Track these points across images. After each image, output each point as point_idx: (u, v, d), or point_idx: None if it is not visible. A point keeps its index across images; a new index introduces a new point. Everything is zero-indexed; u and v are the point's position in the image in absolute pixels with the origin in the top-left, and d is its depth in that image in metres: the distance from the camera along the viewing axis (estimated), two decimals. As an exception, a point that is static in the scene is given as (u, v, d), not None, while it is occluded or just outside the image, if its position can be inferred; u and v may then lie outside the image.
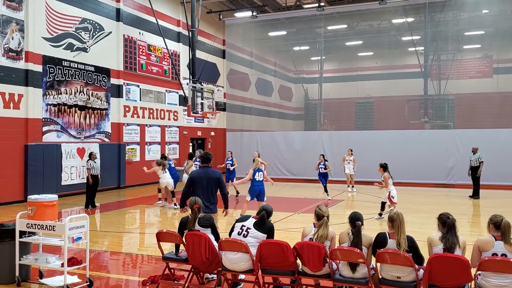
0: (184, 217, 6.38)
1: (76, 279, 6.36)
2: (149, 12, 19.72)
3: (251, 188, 11.58)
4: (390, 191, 11.78)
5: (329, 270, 5.36)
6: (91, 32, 17.68)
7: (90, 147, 17.36)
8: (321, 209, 5.68)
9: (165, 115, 22.22)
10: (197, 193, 7.17)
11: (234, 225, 6.04)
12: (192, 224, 6.07)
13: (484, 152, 16.66)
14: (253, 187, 11.54)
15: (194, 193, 7.23)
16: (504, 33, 25.95)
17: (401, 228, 5.15)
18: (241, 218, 6.05)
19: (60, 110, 16.30)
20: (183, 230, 6.22)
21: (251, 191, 11.58)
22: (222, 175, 7.76)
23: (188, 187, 7.35)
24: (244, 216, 6.16)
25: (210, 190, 7.29)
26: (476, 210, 14.52)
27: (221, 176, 7.54)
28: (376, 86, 29.69)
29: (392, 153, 19.72)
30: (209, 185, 7.28)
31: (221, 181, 7.42)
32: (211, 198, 7.29)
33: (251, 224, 5.84)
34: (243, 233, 5.79)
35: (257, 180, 11.54)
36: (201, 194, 7.14)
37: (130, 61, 19.73)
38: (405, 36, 28.39)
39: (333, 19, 26.93)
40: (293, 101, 35.11)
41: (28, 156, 14.89)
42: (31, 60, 15.13)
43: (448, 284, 4.83)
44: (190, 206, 6.24)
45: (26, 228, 6.27)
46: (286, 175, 22.40)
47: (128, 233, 10.99)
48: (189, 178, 7.47)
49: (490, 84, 26.79)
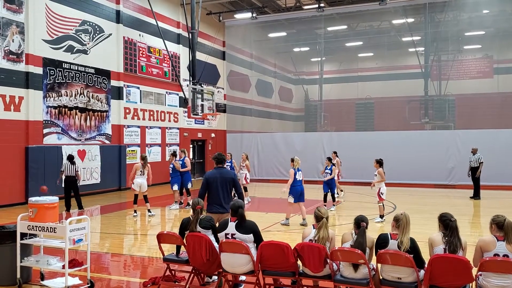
0: (185, 218, 6.39)
1: (77, 281, 6.36)
2: (149, 14, 19.74)
3: (293, 188, 11.24)
4: (380, 188, 11.84)
5: (330, 271, 5.36)
6: (91, 34, 17.70)
7: (90, 149, 17.39)
8: (320, 211, 5.68)
9: (166, 117, 22.23)
10: (212, 194, 7.27)
11: (214, 234, 6.04)
12: (194, 225, 6.07)
13: (485, 153, 16.65)
14: (295, 187, 11.20)
15: (209, 194, 7.30)
16: (505, 33, 25.96)
17: (406, 229, 5.14)
18: (221, 226, 5.94)
19: (60, 112, 16.31)
20: (184, 231, 6.22)
21: (293, 192, 11.23)
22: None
23: (203, 188, 7.36)
24: (223, 222, 6.02)
25: (225, 190, 7.31)
26: (477, 210, 14.51)
27: (235, 176, 7.61)
28: (376, 87, 29.71)
29: (393, 154, 19.72)
30: (223, 185, 7.31)
31: (235, 181, 7.46)
32: (226, 198, 7.31)
33: (233, 229, 5.77)
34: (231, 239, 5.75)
35: (298, 180, 11.25)
36: (216, 194, 7.24)
37: (130, 63, 19.75)
38: (405, 37, 28.40)
39: (333, 20, 26.94)
40: (293, 102, 35.10)
41: (29, 158, 14.91)
42: (32, 62, 15.14)
43: (449, 284, 4.83)
44: (193, 207, 6.25)
45: (27, 230, 6.28)
46: (287, 176, 22.37)
47: (129, 234, 10.99)
48: (204, 179, 7.46)
49: (490, 84, 26.77)
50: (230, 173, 7.58)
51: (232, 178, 7.41)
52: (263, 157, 24.46)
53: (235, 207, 5.87)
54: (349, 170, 20.11)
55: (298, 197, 11.20)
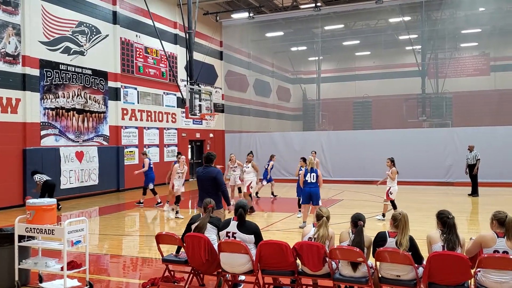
0: (196, 215, 6.45)
1: (76, 283, 6.34)
2: (145, 14, 19.72)
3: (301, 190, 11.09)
4: (391, 187, 11.74)
5: (329, 270, 5.36)
6: (88, 36, 17.67)
7: (88, 151, 17.37)
8: (321, 210, 5.68)
9: (163, 118, 22.21)
10: (199, 191, 7.69)
11: (219, 233, 6.04)
12: (203, 224, 6.04)
13: (482, 150, 16.67)
14: (304, 188, 10.91)
15: (198, 192, 7.72)
16: (501, 30, 26.01)
17: (405, 229, 5.13)
18: (223, 225, 5.96)
19: (58, 114, 16.29)
20: (191, 226, 6.21)
21: (301, 194, 11.10)
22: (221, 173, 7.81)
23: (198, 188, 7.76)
24: (225, 221, 6.04)
25: (208, 188, 7.54)
26: (475, 208, 14.54)
27: (218, 174, 7.62)
28: (373, 86, 29.73)
29: (391, 152, 19.51)
30: (206, 183, 7.57)
31: (217, 179, 7.54)
32: (211, 195, 7.29)
33: (235, 228, 5.78)
34: (230, 239, 5.75)
35: (309, 182, 10.82)
36: (201, 192, 7.64)
37: (128, 64, 19.73)
38: (402, 35, 28.47)
39: (330, 19, 26.96)
40: (291, 102, 35.11)
41: (27, 161, 14.87)
42: (28, 64, 15.11)
43: (448, 281, 4.83)
44: (204, 205, 6.31)
45: (25, 232, 6.25)
46: (285, 175, 22.38)
47: (128, 235, 10.97)
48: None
49: (487, 82, 26.84)
50: (213, 171, 7.63)
51: (213, 177, 7.55)
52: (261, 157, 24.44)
53: (237, 207, 5.90)
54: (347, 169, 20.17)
55: (307, 199, 10.85)
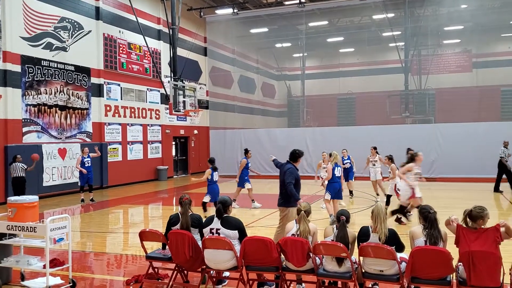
0: (173, 214, 6.38)
1: (59, 281, 6.28)
2: (129, 10, 19.54)
3: (331, 185, 10.93)
4: (396, 183, 11.32)
5: (313, 265, 5.39)
6: (70, 31, 17.45)
7: (71, 147, 17.18)
8: (300, 205, 5.72)
9: (147, 114, 22.07)
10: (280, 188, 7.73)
11: (200, 232, 6.06)
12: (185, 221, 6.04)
13: (464, 146, 16.80)
14: (333, 183, 10.86)
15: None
16: (483, 28, 26.37)
17: (379, 218, 5.19)
18: (207, 221, 5.97)
19: (40, 110, 16.08)
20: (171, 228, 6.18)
21: (331, 189, 10.95)
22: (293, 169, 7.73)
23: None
24: (208, 218, 6.04)
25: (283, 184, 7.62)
26: (457, 202, 14.72)
27: (290, 169, 7.59)
28: (357, 82, 29.95)
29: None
30: (282, 179, 7.66)
31: (286, 175, 7.55)
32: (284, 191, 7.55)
33: (218, 224, 5.79)
34: (214, 235, 5.75)
35: (337, 176, 10.87)
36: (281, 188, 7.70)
37: (111, 60, 19.54)
38: (386, 32, 28.67)
39: (314, 16, 27.04)
40: (276, 98, 35.19)
41: (8, 158, 14.65)
42: (9, 60, 14.88)
43: (431, 276, 4.90)
44: (180, 200, 6.27)
45: (6, 230, 6.17)
46: (270, 172, 22.40)
47: (112, 233, 10.90)
48: None
49: (469, 78, 27.21)
50: (284, 167, 7.75)
51: (286, 170, 7.65)
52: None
53: (224, 203, 5.90)
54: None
55: (335, 194, 10.90)
